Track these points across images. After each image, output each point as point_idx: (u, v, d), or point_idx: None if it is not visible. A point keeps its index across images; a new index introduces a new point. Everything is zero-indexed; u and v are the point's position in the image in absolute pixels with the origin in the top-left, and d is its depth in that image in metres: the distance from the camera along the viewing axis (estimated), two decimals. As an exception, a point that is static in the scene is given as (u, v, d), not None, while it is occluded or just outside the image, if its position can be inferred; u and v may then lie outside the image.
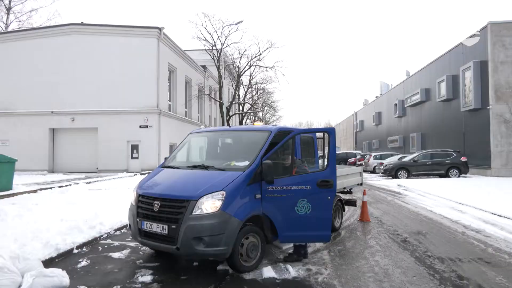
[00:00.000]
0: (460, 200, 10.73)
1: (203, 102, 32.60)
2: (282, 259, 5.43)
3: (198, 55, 31.87)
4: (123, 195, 10.91)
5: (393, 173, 20.33)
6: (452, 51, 24.02)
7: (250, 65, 29.58)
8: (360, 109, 57.29)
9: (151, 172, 5.95)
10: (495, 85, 19.05)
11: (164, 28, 22.69)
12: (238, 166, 5.17)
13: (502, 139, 18.68)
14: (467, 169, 19.53)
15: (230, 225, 4.53)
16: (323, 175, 5.15)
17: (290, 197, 5.05)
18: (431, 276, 4.72)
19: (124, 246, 6.20)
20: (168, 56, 24.45)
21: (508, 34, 19.19)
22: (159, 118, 22.49)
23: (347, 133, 67.48)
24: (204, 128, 6.93)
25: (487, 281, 4.55)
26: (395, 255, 5.67)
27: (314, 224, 5.12)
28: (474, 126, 21.06)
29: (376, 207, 10.47)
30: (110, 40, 22.75)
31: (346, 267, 5.10)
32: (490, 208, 9.26)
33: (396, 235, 6.99)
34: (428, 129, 28.06)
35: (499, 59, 19.18)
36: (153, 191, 5.09)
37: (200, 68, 31.59)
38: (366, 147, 48.02)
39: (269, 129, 5.78)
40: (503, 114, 17.67)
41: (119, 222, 7.55)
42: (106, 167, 21.97)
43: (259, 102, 38.14)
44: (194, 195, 4.60)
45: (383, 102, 42.07)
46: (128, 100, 22.29)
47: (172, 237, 4.57)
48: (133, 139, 22.44)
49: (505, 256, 5.60)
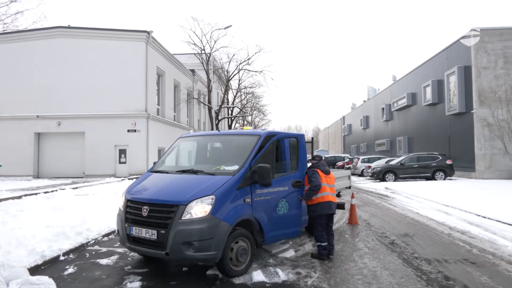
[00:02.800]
0: (446, 202, 10.92)
1: (192, 106, 32.49)
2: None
3: (187, 59, 31.80)
4: (111, 200, 10.78)
5: (381, 176, 20.59)
6: (437, 56, 24.53)
7: (239, 69, 29.64)
8: (348, 113, 57.88)
9: (140, 177, 5.91)
10: (479, 89, 19.50)
11: (152, 32, 22.59)
12: (228, 170, 5.19)
13: (485, 142, 19.10)
14: (453, 172, 19.90)
15: (219, 229, 4.53)
16: (295, 176, 5.81)
17: (274, 198, 5.42)
18: (418, 277, 4.80)
19: (112, 252, 6.12)
20: (157, 60, 24.34)
21: (490, 41, 19.70)
22: (147, 122, 22.32)
23: (335, 136, 68.03)
24: (193, 133, 6.93)
25: (472, 281, 4.64)
26: (383, 257, 5.74)
27: (290, 222, 5.71)
28: (458, 130, 21.49)
29: (364, 210, 10.58)
30: (97, 44, 22.53)
31: (335, 270, 5.14)
32: (475, 210, 9.45)
33: (384, 238, 7.08)
34: (415, 133, 28.52)
35: (482, 65, 19.66)
36: (142, 196, 5.06)
37: (189, 72, 31.51)
38: (354, 151, 48.47)
39: (258, 133, 5.82)
40: (486, 118, 18.08)
41: (107, 228, 7.46)
42: (93, 172, 21.66)
43: (248, 106, 38.19)
44: (183, 199, 4.59)
45: (370, 106, 42.60)
46: (116, 104, 22.06)
47: (162, 242, 4.54)
48: (121, 143, 22.19)
49: (489, 256, 5.73)
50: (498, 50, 19.55)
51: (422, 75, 26.67)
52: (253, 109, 39.64)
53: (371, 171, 22.09)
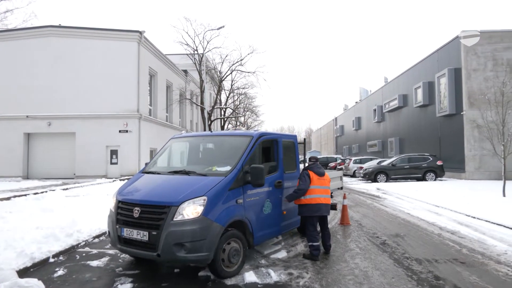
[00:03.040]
0: (436, 203, 11.05)
1: (184, 107, 32.36)
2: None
3: (180, 60, 31.67)
4: (102, 201, 10.68)
5: (373, 177, 20.74)
6: (428, 58, 24.80)
7: (231, 70, 29.60)
8: (340, 114, 58.20)
9: (131, 178, 5.87)
10: (468, 91, 19.77)
11: (144, 32, 22.46)
12: (220, 171, 5.19)
13: (475, 143, 19.37)
14: (443, 173, 20.14)
15: (212, 230, 4.52)
16: (276, 177, 5.92)
17: (262, 198, 5.52)
18: (409, 277, 4.84)
19: (103, 254, 6.07)
20: (149, 60, 24.20)
21: (479, 43, 19.98)
22: (139, 123, 22.17)
23: (327, 137, 68.35)
24: (186, 133, 6.91)
25: (461, 281, 4.70)
26: (375, 257, 5.78)
27: (273, 221, 5.81)
28: (449, 131, 21.76)
29: (356, 210, 10.64)
30: (89, 43, 22.32)
31: (327, 270, 5.16)
32: (464, 210, 9.58)
33: (375, 238, 7.13)
34: (406, 134, 28.79)
35: (472, 67, 19.94)
36: (133, 197, 5.02)
37: (181, 73, 31.39)
38: (346, 152, 48.75)
39: (251, 134, 5.83)
40: (476, 119, 18.31)
41: (98, 229, 7.39)
42: (84, 173, 21.44)
43: (240, 107, 38.15)
44: (175, 200, 4.57)
45: (362, 108, 42.90)
46: (107, 104, 21.88)
47: (153, 243, 4.52)
48: (112, 144, 22.01)
49: (478, 256, 5.81)
50: (488, 53, 19.85)
51: (413, 77, 26.94)
52: (245, 110, 39.62)
53: (363, 172, 22.24)
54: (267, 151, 6.12)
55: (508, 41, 19.80)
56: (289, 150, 6.72)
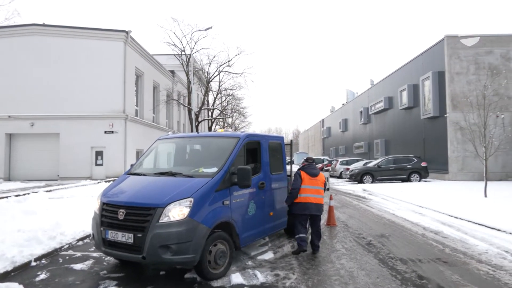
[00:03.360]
0: (421, 204, 11.24)
1: (171, 108, 32.12)
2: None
3: (167, 60, 31.42)
4: (87, 203, 10.50)
5: (359, 178, 20.97)
6: (413, 61, 25.24)
7: (219, 71, 29.53)
8: (327, 116, 58.66)
9: (116, 180, 5.80)
10: (452, 94, 20.20)
11: (131, 31, 22.22)
12: (207, 172, 5.17)
13: (458, 145, 19.79)
14: (427, 174, 20.51)
15: (198, 232, 4.50)
16: (260, 178, 5.89)
17: (248, 200, 5.51)
18: (393, 277, 4.91)
19: (87, 257, 5.97)
20: (135, 60, 23.95)
21: (462, 47, 20.45)
22: (125, 124, 21.90)
23: (315, 139, 68.79)
24: (172, 134, 6.86)
25: (444, 280, 4.80)
26: (360, 257, 5.85)
27: (259, 222, 5.80)
28: (433, 133, 22.17)
29: (342, 211, 10.74)
30: (74, 43, 21.95)
31: (313, 271, 5.20)
32: (447, 210, 9.77)
33: (361, 239, 7.21)
34: (392, 136, 29.21)
35: (455, 70, 20.38)
36: (118, 199, 4.96)
37: (168, 73, 31.16)
38: (333, 153, 49.16)
39: (238, 135, 5.83)
40: (459, 122, 18.70)
41: (82, 231, 7.27)
42: (68, 174, 21.04)
43: (228, 108, 38.07)
44: (161, 202, 4.54)
45: (349, 110, 43.35)
46: (92, 105, 21.54)
47: (138, 246, 4.47)
48: (97, 145, 21.68)
49: (460, 255, 5.93)
50: (470, 57, 20.32)
51: (399, 79, 27.37)
52: (233, 111, 39.56)
53: (349, 173, 22.47)
54: (254, 153, 6.13)
55: (490, 45, 20.32)
56: (276, 152, 6.75)
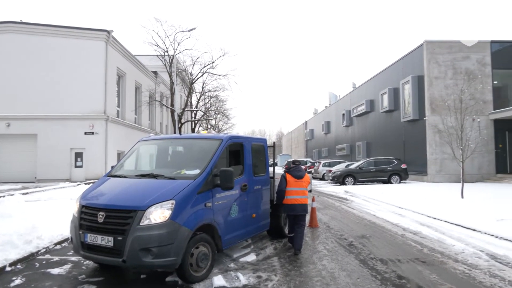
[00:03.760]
0: (400, 205, 11.47)
1: (154, 109, 31.73)
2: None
3: (149, 61, 31.04)
4: (65, 206, 10.24)
5: (341, 180, 21.23)
6: (393, 65, 25.79)
7: (203, 72, 29.35)
8: (310, 118, 59.18)
9: (96, 182, 5.69)
10: (430, 98, 20.73)
11: (113, 31, 21.86)
12: (189, 174, 5.14)
13: (436, 147, 20.32)
14: (407, 176, 20.97)
15: (179, 234, 4.46)
16: (243, 180, 5.87)
17: (230, 202, 5.49)
18: (373, 277, 5.00)
19: (65, 261, 5.82)
20: (117, 60, 23.56)
21: (441, 52, 21.04)
22: (106, 125, 21.49)
23: (298, 141, 69.27)
24: (154, 136, 6.78)
25: (422, 279, 4.91)
26: (341, 258, 5.92)
27: (242, 224, 5.78)
28: (412, 136, 22.69)
29: (324, 213, 10.85)
30: (53, 41, 21.42)
31: (295, 272, 5.23)
32: (426, 211, 10.00)
33: (342, 240, 7.30)
34: (373, 138, 29.73)
35: (434, 75, 20.93)
36: (98, 202, 4.87)
37: (151, 74, 30.79)
38: (316, 155, 49.59)
39: (221, 137, 5.82)
40: (437, 125, 19.17)
41: (60, 235, 7.09)
42: (46, 176, 20.46)
43: (211, 110, 37.93)
44: (142, 205, 4.48)
45: (331, 112, 43.86)
46: (72, 105, 21.06)
47: (118, 249, 4.39)
48: (77, 146, 21.19)
49: (438, 255, 6.09)
50: (448, 62, 20.92)
51: (380, 83, 27.90)
52: (217, 113, 39.45)
53: (332, 175, 22.72)
54: (237, 154, 6.12)
55: (467, 51, 20.96)
56: (259, 154, 6.76)
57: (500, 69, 21.05)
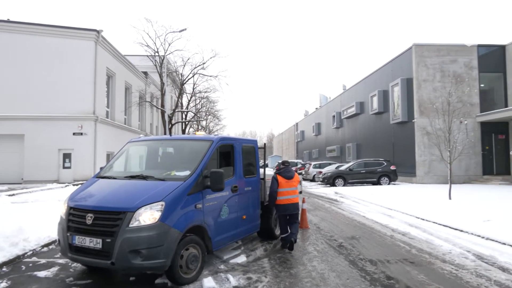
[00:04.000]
0: (390, 206, 11.58)
1: (144, 110, 31.50)
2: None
3: (140, 61, 30.79)
4: (53, 208, 10.09)
5: (331, 181, 21.36)
6: (383, 68, 26.08)
7: (193, 73, 29.24)
8: (301, 120, 59.43)
9: (85, 183, 5.63)
10: (419, 100, 21.02)
11: (102, 31, 21.64)
12: (179, 176, 5.12)
13: (425, 149, 20.60)
14: (396, 177, 21.20)
15: (169, 236, 4.43)
16: (233, 181, 5.87)
17: (221, 203, 5.48)
18: (362, 277, 5.04)
19: (52, 264, 5.73)
20: (107, 60, 23.33)
21: (429, 55, 21.36)
22: (95, 125, 21.25)
23: (289, 142, 69.47)
24: (144, 137, 6.73)
25: (411, 279, 4.97)
26: (331, 259, 5.95)
27: (232, 226, 5.77)
28: (402, 138, 22.96)
29: (315, 214, 10.89)
30: (41, 41, 21.10)
31: (285, 274, 5.24)
32: (414, 212, 10.12)
33: (332, 241, 7.35)
34: (363, 140, 29.99)
35: (422, 78, 21.23)
36: (86, 203, 4.82)
37: (141, 74, 30.57)
38: (307, 156, 49.81)
39: (211, 138, 5.81)
40: (425, 127, 19.46)
41: (47, 237, 6.98)
42: (33, 177, 20.12)
43: (202, 111, 37.77)
44: (131, 206, 4.44)
45: (322, 114, 44.12)
46: (60, 106, 20.77)
47: (107, 251, 4.35)
48: (65, 147, 20.90)
49: (426, 256, 6.16)
50: (436, 65, 21.24)
51: (370, 85, 28.17)
52: (207, 114, 39.30)
53: (322, 176, 22.84)
54: (227, 156, 6.11)
55: (454, 54, 21.32)
56: (249, 155, 6.77)
57: (486, 73, 21.46)
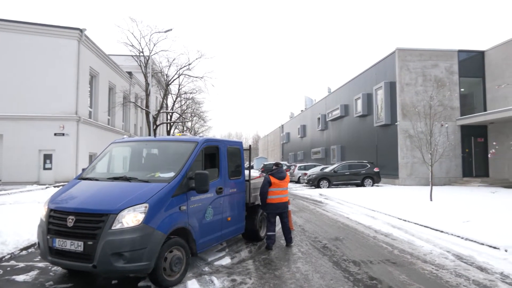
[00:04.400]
0: (373, 207, 11.75)
1: (128, 110, 31.06)
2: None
3: (124, 61, 30.36)
4: (32, 210, 9.84)
5: (316, 183, 21.54)
6: (367, 71, 26.50)
7: (179, 74, 28.98)
8: (286, 122, 59.72)
9: (66, 185, 5.51)
10: (402, 103, 21.44)
11: (86, 29, 21.26)
12: (163, 177, 5.07)
13: (407, 152, 21.01)
14: (379, 179, 21.55)
15: (153, 238, 4.39)
16: (218, 183, 5.87)
17: (205, 205, 5.46)
18: (346, 278, 5.10)
19: (31, 267, 5.59)
20: (90, 60, 22.92)
21: (411, 60, 21.83)
22: (77, 126, 20.84)
23: (274, 144, 69.68)
24: (128, 138, 6.64)
25: (392, 280, 5.05)
26: (315, 260, 6.00)
27: (216, 228, 5.78)
28: (385, 140, 23.36)
29: (299, 215, 10.96)
30: (22, 38, 20.57)
31: (270, 275, 5.25)
32: (397, 213, 10.30)
33: (317, 242, 7.41)
34: (347, 142, 30.36)
35: (405, 81, 21.68)
36: (68, 205, 4.72)
37: (125, 75, 30.15)
38: (292, 158, 50.07)
39: (196, 140, 5.78)
40: (408, 130, 19.85)
41: (27, 240, 6.80)
42: (12, 179, 19.55)
43: (188, 112, 37.50)
44: (114, 208, 4.38)
45: (307, 116, 44.47)
46: (41, 105, 20.28)
47: (89, 254, 4.27)
48: (46, 148, 20.40)
49: (408, 256, 6.28)
50: (418, 69, 21.73)
51: (354, 88, 28.57)
52: (193, 115, 39.04)
53: (307, 178, 23.01)
54: (213, 157, 6.10)
55: (436, 59, 21.85)
56: (234, 157, 6.76)
57: (466, 77, 22.08)
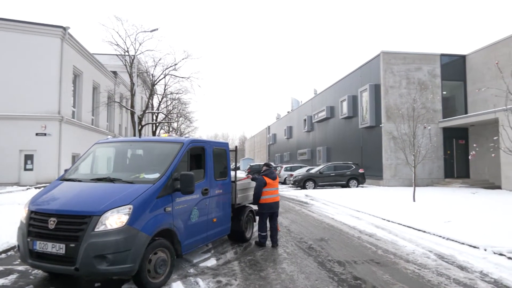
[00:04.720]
0: (358, 208, 11.90)
1: (112, 110, 30.61)
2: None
3: (109, 60, 29.94)
4: (12, 212, 9.59)
5: (302, 184, 21.67)
6: (353, 74, 26.82)
7: (165, 74, 28.72)
8: (273, 123, 59.90)
9: (48, 186, 5.39)
10: (386, 106, 21.79)
11: (69, 28, 20.88)
12: (148, 178, 5.02)
13: (391, 153, 21.36)
14: (364, 180, 21.83)
15: (137, 240, 4.33)
16: (204, 184, 5.85)
17: (190, 206, 5.43)
18: (330, 278, 5.14)
19: (11, 271, 5.44)
20: (74, 59, 22.51)
21: (396, 63, 22.22)
22: (60, 126, 20.43)
23: (260, 145, 69.78)
24: (112, 138, 6.55)
25: (376, 279, 5.13)
26: (301, 261, 6.03)
27: (201, 229, 5.76)
28: (370, 142, 23.69)
29: (285, 216, 11.00)
30: (2, 36, 20.03)
31: (255, 276, 5.25)
32: (381, 214, 10.46)
33: (302, 243, 7.45)
34: (333, 143, 30.65)
35: (389, 84, 22.04)
36: (49, 207, 4.61)
37: (110, 74, 29.71)
38: (278, 159, 50.23)
39: (181, 140, 5.74)
40: (392, 132, 20.18)
41: (6, 243, 6.63)
42: (-9, 180, 19.04)
43: (174, 113, 37.20)
44: (97, 210, 4.31)
45: (293, 117, 44.71)
46: (23, 104, 19.80)
47: (71, 257, 4.19)
48: (27, 148, 19.93)
49: (391, 256, 6.38)
50: (402, 72, 22.12)
51: (340, 90, 28.88)
52: (179, 116, 38.74)
53: (293, 179, 23.12)
54: (198, 158, 6.06)
55: (419, 62, 22.29)
56: (220, 158, 6.74)
57: (448, 81, 22.60)
